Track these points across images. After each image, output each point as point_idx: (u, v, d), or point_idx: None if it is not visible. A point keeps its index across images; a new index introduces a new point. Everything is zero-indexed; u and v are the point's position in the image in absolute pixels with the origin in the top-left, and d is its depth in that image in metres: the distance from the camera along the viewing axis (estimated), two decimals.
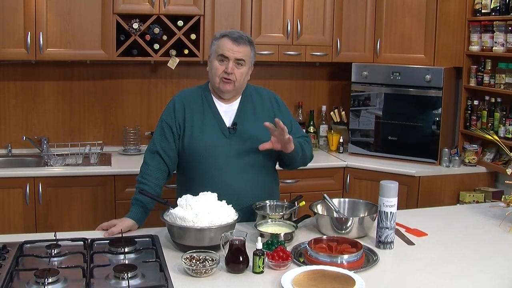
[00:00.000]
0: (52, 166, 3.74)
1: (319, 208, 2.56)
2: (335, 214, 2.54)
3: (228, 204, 2.30)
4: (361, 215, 2.53)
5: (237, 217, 2.24)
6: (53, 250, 2.12)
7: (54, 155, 3.89)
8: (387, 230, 2.29)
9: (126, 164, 3.85)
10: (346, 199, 2.63)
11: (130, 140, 4.19)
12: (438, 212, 2.93)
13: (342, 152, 4.35)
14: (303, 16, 4.16)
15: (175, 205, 2.28)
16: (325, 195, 2.59)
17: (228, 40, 2.53)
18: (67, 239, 2.26)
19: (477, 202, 3.91)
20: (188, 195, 2.26)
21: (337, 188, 4.08)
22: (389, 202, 2.27)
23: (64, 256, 2.11)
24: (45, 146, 4.00)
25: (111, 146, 4.22)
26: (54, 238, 2.23)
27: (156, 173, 2.57)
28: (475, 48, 4.08)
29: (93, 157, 3.88)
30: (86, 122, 4.22)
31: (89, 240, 2.26)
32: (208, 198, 2.22)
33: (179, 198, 2.27)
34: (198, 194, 2.29)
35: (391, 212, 2.27)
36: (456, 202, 4.00)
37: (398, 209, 2.31)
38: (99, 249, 2.20)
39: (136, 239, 2.27)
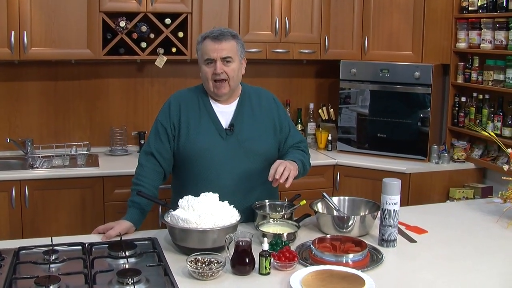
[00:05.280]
0: (38, 168, 3.64)
1: (319, 207, 2.53)
2: (335, 213, 2.52)
3: None
4: (361, 213, 2.51)
5: (239, 217, 2.20)
6: (51, 256, 2.05)
7: (39, 157, 3.80)
8: (390, 228, 2.27)
9: (114, 165, 3.78)
10: (346, 197, 2.61)
11: (117, 140, 4.12)
12: (434, 209, 2.93)
13: (330, 150, 4.34)
14: (291, 13, 4.14)
15: (175, 206, 2.23)
16: (324, 193, 2.56)
17: (209, 41, 2.46)
18: (64, 244, 2.19)
19: (467, 198, 3.93)
20: (190, 196, 2.21)
21: (327, 186, 4.06)
22: (392, 200, 2.25)
23: (63, 262, 2.04)
24: (29, 148, 3.92)
25: (98, 147, 4.15)
26: (51, 243, 2.16)
27: (152, 174, 2.51)
28: (462, 45, 4.08)
29: (80, 158, 3.80)
30: (71, 123, 4.14)
31: (87, 245, 2.20)
32: (210, 199, 2.18)
33: (180, 200, 2.21)
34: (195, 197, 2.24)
35: (394, 210, 2.26)
36: (445, 199, 4.02)
37: None
38: (99, 253, 2.14)
39: (135, 242, 2.21)
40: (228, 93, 2.53)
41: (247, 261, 1.97)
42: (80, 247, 2.18)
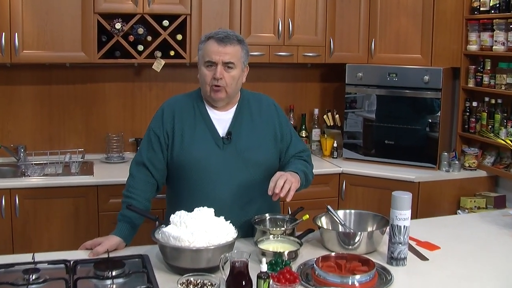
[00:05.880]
0: (29, 176, 3.51)
1: (323, 221, 2.36)
2: (340, 228, 2.35)
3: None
4: (369, 229, 2.34)
5: (236, 235, 2.03)
6: (31, 276, 1.89)
7: (32, 164, 3.67)
8: (400, 245, 2.10)
9: (110, 173, 3.63)
10: (352, 211, 2.43)
11: (113, 147, 3.98)
12: (446, 222, 2.76)
13: (336, 157, 4.17)
14: (294, 15, 4.00)
15: (166, 221, 2.07)
16: (329, 206, 2.39)
17: (213, 42, 2.30)
18: (47, 262, 2.03)
19: (479, 207, 3.77)
20: (182, 211, 2.04)
21: (333, 195, 3.90)
22: (403, 215, 2.08)
23: (43, 283, 1.88)
24: (22, 154, 3.79)
25: (93, 154, 4.01)
26: (32, 260, 2.00)
27: (144, 186, 2.35)
28: (473, 47, 3.95)
29: (74, 166, 3.65)
30: (66, 129, 4.01)
31: (71, 263, 2.04)
32: (204, 214, 2.01)
33: (172, 215, 2.05)
34: (189, 210, 2.08)
35: (404, 226, 2.09)
36: (456, 208, 3.85)
37: None
38: (83, 273, 1.97)
39: (124, 260, 2.05)
40: (225, 99, 2.37)
41: (243, 283, 1.79)
42: (64, 265, 2.02)
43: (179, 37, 3.79)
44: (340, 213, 2.41)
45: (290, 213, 2.46)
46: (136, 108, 4.12)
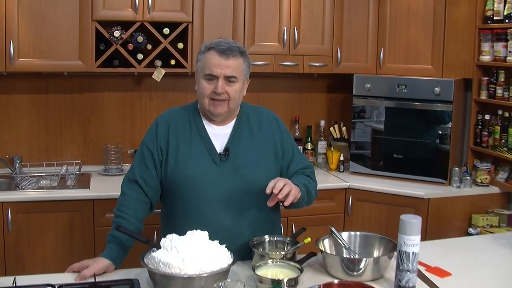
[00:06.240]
0: (23, 189, 3.38)
1: (326, 244, 2.22)
2: (344, 252, 2.20)
3: (220, 243, 1.95)
4: (375, 253, 2.20)
5: (232, 260, 1.89)
6: None
7: (27, 176, 3.54)
8: (408, 273, 1.95)
9: (107, 186, 3.50)
10: (358, 233, 2.28)
11: (112, 159, 3.86)
12: (457, 245, 2.60)
13: (342, 171, 4.03)
14: (300, 23, 3.87)
15: (158, 245, 1.93)
16: (332, 228, 2.24)
17: (214, 54, 2.17)
18: (29, 286, 1.89)
19: (491, 226, 3.62)
20: (174, 235, 1.91)
21: (338, 211, 3.75)
22: (411, 241, 1.93)
23: None
24: (17, 166, 3.67)
25: (91, 166, 3.89)
26: (13, 285, 1.87)
27: (136, 205, 2.21)
28: (486, 58, 3.81)
29: (70, 178, 3.53)
30: (63, 140, 3.89)
31: (55, 287, 1.90)
32: (197, 238, 1.87)
33: (162, 239, 1.91)
34: (184, 232, 1.95)
35: (413, 253, 1.94)
36: (467, 226, 3.70)
37: None
38: None
39: (112, 286, 1.91)
40: (225, 113, 2.24)
41: None
42: None
43: (180, 45, 3.67)
44: (345, 235, 2.26)
45: (292, 234, 2.30)
46: (135, 118, 4.00)
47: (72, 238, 3.35)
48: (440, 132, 3.75)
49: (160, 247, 1.92)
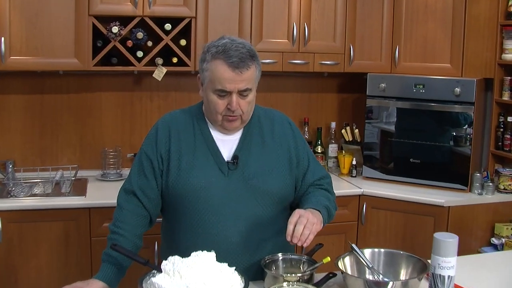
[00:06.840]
0: (15, 196, 3.18)
1: (347, 263, 1.99)
2: (367, 272, 1.97)
3: (228, 263, 1.73)
4: (402, 273, 1.97)
5: (243, 286, 1.66)
6: None
7: (20, 181, 3.34)
8: None
9: (104, 193, 3.31)
10: (382, 250, 2.05)
11: (110, 163, 3.69)
12: (485, 260, 2.41)
13: (355, 176, 3.82)
14: (311, 19, 3.69)
15: (158, 267, 1.71)
16: (353, 245, 2.02)
17: (226, 68, 1.90)
18: None
19: None
20: (176, 257, 1.68)
21: (352, 219, 3.54)
22: (447, 263, 1.71)
23: None
24: (10, 171, 3.48)
25: (88, 170, 3.71)
26: None
27: (133, 219, 1.99)
28: (509, 56, 3.66)
29: (65, 185, 3.33)
30: (58, 143, 3.72)
31: None
32: (203, 261, 1.64)
33: (163, 262, 1.68)
34: (187, 251, 1.73)
35: (449, 276, 1.72)
36: (490, 236, 3.49)
37: None
38: None
39: None
40: (240, 126, 2.04)
41: None
42: None
43: (183, 42, 3.50)
44: (367, 252, 2.03)
45: (307, 252, 2.07)
46: (135, 120, 3.83)
47: (67, 249, 3.18)
48: (460, 135, 3.54)
49: (160, 270, 1.69)
